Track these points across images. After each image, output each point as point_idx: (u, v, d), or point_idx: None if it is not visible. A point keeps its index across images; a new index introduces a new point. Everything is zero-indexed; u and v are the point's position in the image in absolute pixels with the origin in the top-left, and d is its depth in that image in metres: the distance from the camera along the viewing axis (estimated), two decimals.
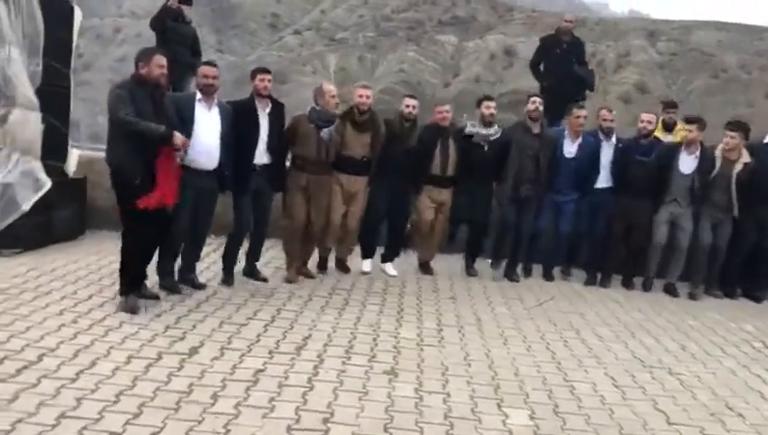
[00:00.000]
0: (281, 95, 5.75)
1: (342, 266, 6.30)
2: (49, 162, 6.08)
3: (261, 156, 5.43)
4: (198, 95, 5.14)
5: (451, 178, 6.30)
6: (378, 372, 3.93)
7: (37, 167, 5.92)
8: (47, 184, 5.89)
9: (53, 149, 6.13)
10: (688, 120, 6.81)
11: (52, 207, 6.09)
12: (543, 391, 3.88)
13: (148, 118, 4.47)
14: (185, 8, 7.46)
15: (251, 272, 5.78)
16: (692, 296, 6.59)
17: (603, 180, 6.59)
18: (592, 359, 4.52)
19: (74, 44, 6.33)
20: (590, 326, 5.27)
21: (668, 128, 7.54)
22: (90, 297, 4.84)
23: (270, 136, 5.44)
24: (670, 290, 6.66)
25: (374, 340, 4.49)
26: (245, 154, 5.34)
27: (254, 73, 5.50)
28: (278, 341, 4.31)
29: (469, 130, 6.30)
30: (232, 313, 4.81)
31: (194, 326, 4.45)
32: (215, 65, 5.31)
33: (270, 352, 4.09)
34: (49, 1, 6.00)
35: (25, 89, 5.86)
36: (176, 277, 5.22)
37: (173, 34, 7.34)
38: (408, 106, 6.14)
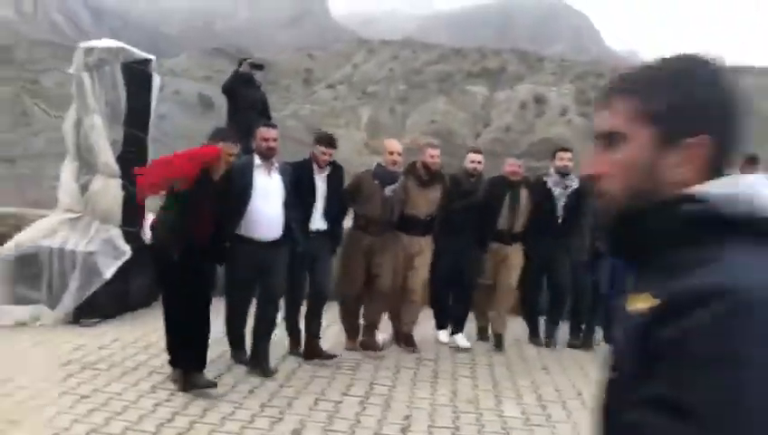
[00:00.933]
0: None
1: (408, 341, 5.67)
2: (126, 229, 6.02)
3: (317, 221, 5.15)
4: (257, 160, 4.78)
5: (518, 234, 6.00)
6: None
7: (117, 234, 5.87)
8: (127, 252, 5.83)
9: (131, 216, 6.08)
10: None
11: (130, 274, 6.00)
12: None
13: (203, 191, 4.31)
14: (255, 73, 7.47)
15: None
16: None
17: None
18: None
19: (152, 110, 6.34)
20: None
21: None
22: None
23: (327, 201, 5.17)
24: None
25: (478, 419, 4.25)
26: (300, 219, 5.04)
27: (317, 141, 5.22)
28: (379, 420, 4.10)
29: (557, 191, 6.03)
30: (324, 388, 4.61)
31: (290, 404, 4.26)
32: (274, 126, 5.00)
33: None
34: (130, 68, 6.03)
35: (107, 156, 5.87)
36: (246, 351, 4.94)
37: (243, 100, 7.33)
38: (472, 162, 5.86)
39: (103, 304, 5.81)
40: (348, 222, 5.67)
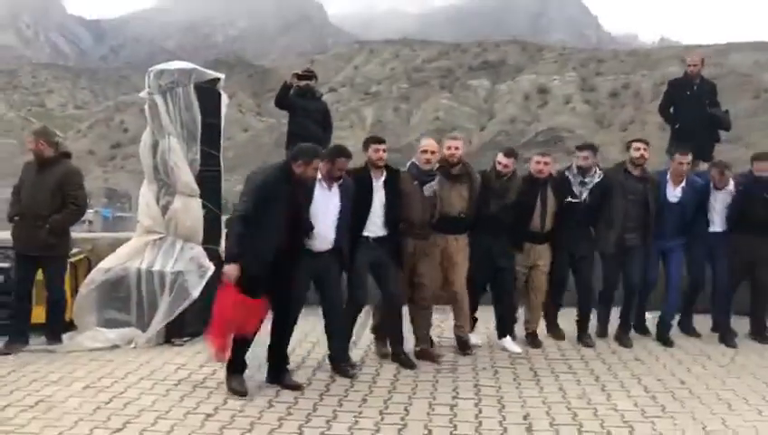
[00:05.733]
0: None
1: (465, 347, 5.64)
2: (208, 246, 6.08)
3: (376, 228, 5.18)
4: (319, 175, 4.85)
5: (549, 232, 5.93)
6: None
7: (200, 252, 5.93)
8: (210, 269, 5.88)
9: (210, 233, 6.14)
10: None
11: (212, 291, 6.05)
12: None
13: (282, 201, 4.44)
14: (311, 83, 7.50)
15: (397, 355, 5.30)
16: None
17: (718, 225, 6.28)
18: None
19: (222, 128, 6.40)
20: None
21: None
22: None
23: (387, 207, 5.19)
24: None
25: (595, 414, 4.27)
26: (356, 226, 5.10)
27: (366, 143, 5.31)
28: (500, 422, 4.13)
29: (578, 187, 5.98)
30: (432, 392, 4.65)
31: (407, 410, 4.30)
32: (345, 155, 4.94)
33: None
34: (200, 88, 6.09)
35: (187, 176, 5.92)
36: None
37: (301, 110, 7.38)
38: (500, 163, 5.73)
39: (191, 323, 5.87)
40: None
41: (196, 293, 5.75)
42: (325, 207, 4.85)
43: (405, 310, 5.45)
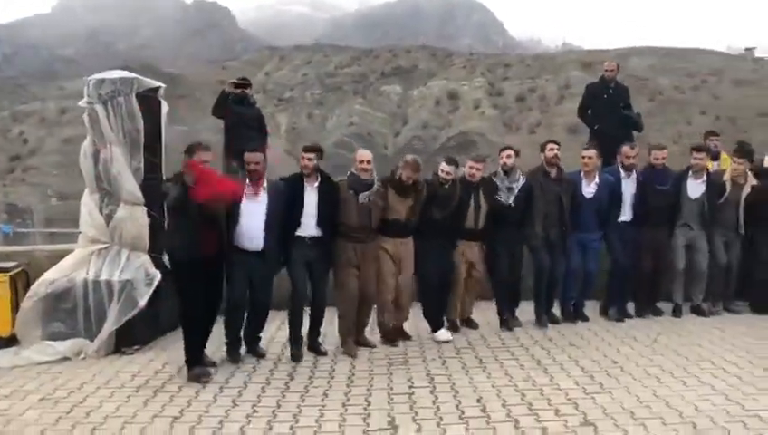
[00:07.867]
0: None
1: (402, 334, 6.13)
2: (153, 255, 6.07)
3: (309, 229, 5.54)
4: (247, 180, 5.37)
5: (482, 230, 6.39)
6: (576, 423, 4.07)
7: (147, 260, 5.92)
8: (157, 277, 5.88)
9: (155, 241, 6.12)
10: (696, 149, 7.15)
11: (158, 299, 6.05)
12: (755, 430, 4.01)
13: (194, 206, 4.84)
14: (247, 91, 7.59)
15: (312, 346, 5.73)
16: (712, 313, 7.01)
17: (626, 214, 6.89)
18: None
19: (163, 136, 6.38)
20: (717, 355, 5.51)
21: (714, 157, 7.96)
22: (245, 385, 4.87)
23: (319, 209, 5.54)
24: (698, 311, 7.05)
25: (541, 393, 4.62)
26: (289, 227, 5.49)
27: (302, 151, 5.69)
28: (457, 406, 4.41)
29: (499, 197, 6.43)
30: (389, 383, 4.88)
31: (367, 400, 4.50)
32: (256, 150, 5.49)
33: (461, 418, 4.19)
34: (142, 97, 6.08)
35: (130, 185, 5.90)
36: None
37: (238, 117, 7.46)
38: (442, 171, 6.12)
39: (140, 331, 5.86)
40: None
41: (143, 301, 5.74)
42: (251, 210, 5.31)
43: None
